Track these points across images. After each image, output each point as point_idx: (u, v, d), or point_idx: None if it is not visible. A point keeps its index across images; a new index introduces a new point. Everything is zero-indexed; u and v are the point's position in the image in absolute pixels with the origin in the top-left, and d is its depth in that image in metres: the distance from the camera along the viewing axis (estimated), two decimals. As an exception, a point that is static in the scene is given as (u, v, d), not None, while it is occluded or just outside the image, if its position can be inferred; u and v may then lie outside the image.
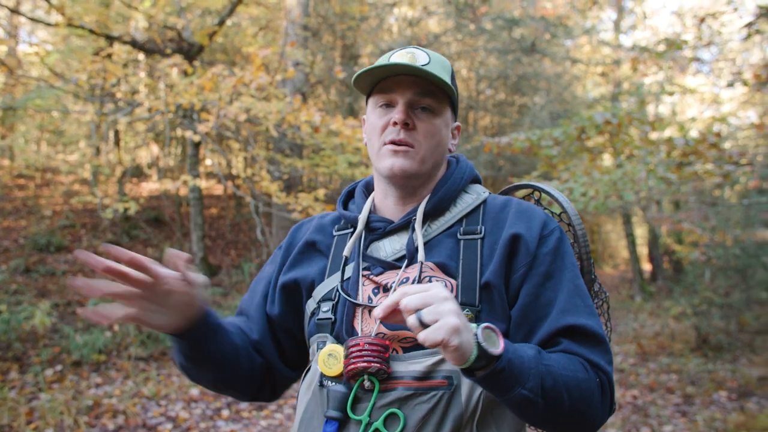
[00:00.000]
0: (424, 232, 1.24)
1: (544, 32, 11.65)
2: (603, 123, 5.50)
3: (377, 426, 1.10)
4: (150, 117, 6.87)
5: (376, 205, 1.33)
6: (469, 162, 1.35)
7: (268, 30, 12.47)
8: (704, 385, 6.45)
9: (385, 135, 1.22)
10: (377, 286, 1.21)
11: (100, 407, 5.07)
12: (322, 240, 1.35)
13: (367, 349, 1.10)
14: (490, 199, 1.29)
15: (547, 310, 1.14)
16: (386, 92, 1.23)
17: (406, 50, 1.23)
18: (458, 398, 1.09)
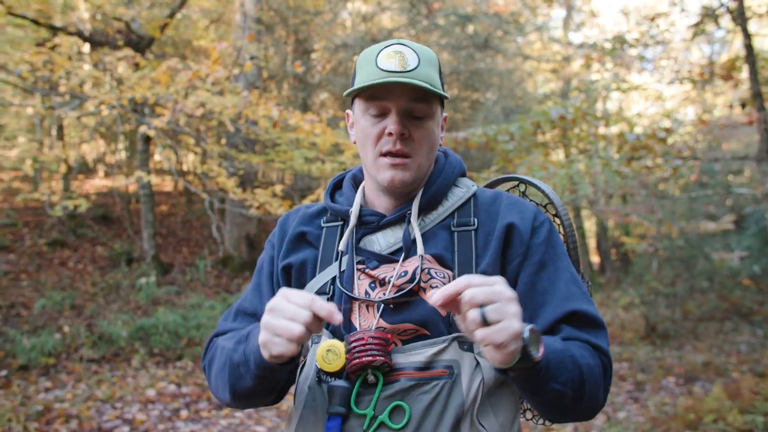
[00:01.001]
0: (418, 225, 1.24)
1: (496, 29, 11.81)
2: (558, 118, 5.62)
3: (383, 419, 1.10)
4: (100, 111, 6.63)
5: (367, 198, 1.31)
6: (457, 155, 1.36)
7: (220, 23, 12.22)
8: (653, 371, 6.69)
9: (381, 145, 1.20)
10: (374, 281, 1.20)
11: (51, 412, 4.89)
12: (311, 231, 1.32)
13: (371, 343, 1.09)
14: (479, 192, 1.30)
15: (546, 297, 1.17)
16: (377, 100, 1.19)
17: (392, 49, 1.19)
18: (459, 387, 1.11)
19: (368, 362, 1.09)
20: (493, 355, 0.92)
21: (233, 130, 6.76)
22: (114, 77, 7.43)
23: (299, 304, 1.00)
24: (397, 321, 1.15)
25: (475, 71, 13.12)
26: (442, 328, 1.14)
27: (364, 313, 1.19)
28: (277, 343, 1.00)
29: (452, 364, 1.12)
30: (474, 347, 1.14)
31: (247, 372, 1.12)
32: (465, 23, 12.07)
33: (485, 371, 1.13)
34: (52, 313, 7.08)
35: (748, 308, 9.44)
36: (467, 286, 0.91)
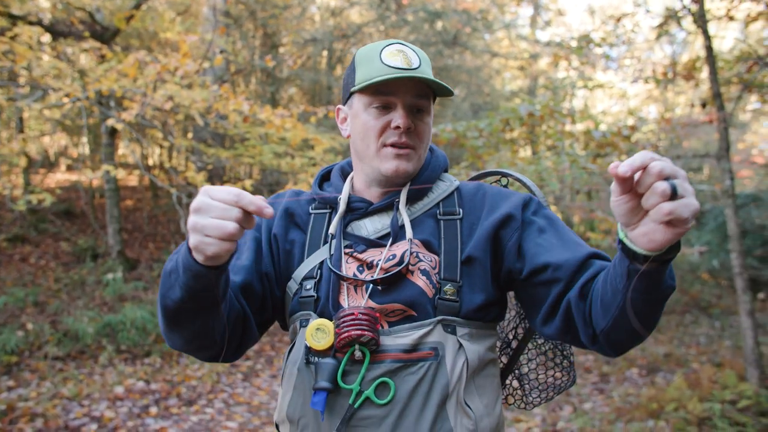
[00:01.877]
0: (407, 212, 1.29)
1: (465, 26, 11.90)
2: (526, 115, 5.71)
3: (368, 394, 1.14)
4: (62, 104, 6.48)
5: (355, 189, 1.36)
6: (443, 152, 1.42)
7: (188, 15, 12.04)
8: (618, 364, 6.86)
9: (385, 137, 1.25)
10: (361, 264, 1.24)
11: (15, 411, 4.78)
12: (299, 213, 1.36)
13: (360, 318, 1.13)
14: (462, 185, 1.36)
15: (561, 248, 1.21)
16: (384, 94, 1.24)
17: (395, 47, 1.25)
18: (444, 368, 1.15)
19: (357, 336, 1.12)
20: (664, 234, 0.86)
21: (202, 124, 6.68)
22: (76, 69, 7.26)
23: (226, 201, 0.94)
24: (386, 301, 1.19)
25: (443, 68, 13.20)
26: (429, 310, 1.19)
27: (353, 294, 1.22)
28: (209, 244, 0.95)
29: (437, 346, 1.16)
30: (457, 330, 1.18)
31: (177, 280, 1.05)
32: (434, 20, 12.13)
33: (468, 353, 1.18)
34: (14, 311, 6.91)
35: (707, 301, 9.75)
36: (652, 159, 0.84)
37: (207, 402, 5.35)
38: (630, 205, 0.87)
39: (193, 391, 5.57)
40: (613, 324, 1.06)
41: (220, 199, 0.94)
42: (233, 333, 1.20)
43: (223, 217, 0.93)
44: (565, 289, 1.17)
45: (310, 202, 1.38)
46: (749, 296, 4.90)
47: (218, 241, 0.94)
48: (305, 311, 1.24)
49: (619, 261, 0.98)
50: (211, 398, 5.45)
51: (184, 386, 5.66)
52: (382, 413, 1.13)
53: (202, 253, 0.96)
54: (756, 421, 4.40)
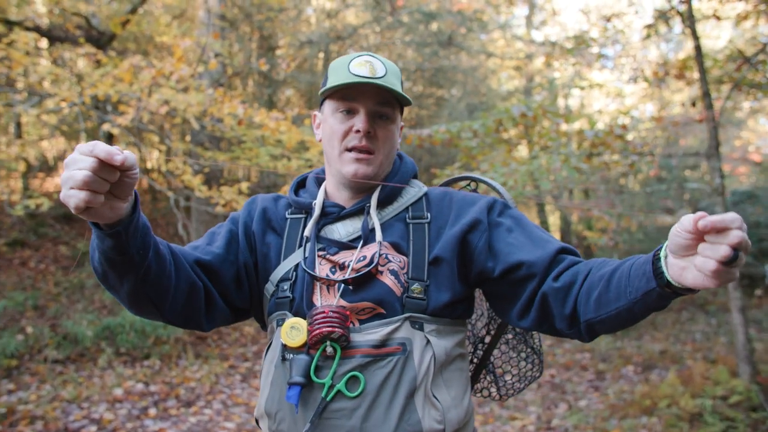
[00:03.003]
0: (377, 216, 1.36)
1: (460, 26, 11.95)
2: (519, 116, 5.76)
3: (339, 388, 1.20)
4: (59, 109, 6.53)
5: (328, 194, 1.43)
6: (411, 159, 1.50)
7: (184, 19, 12.08)
8: (614, 361, 6.91)
9: (347, 141, 1.34)
10: (334, 265, 1.31)
11: (15, 414, 4.83)
12: (275, 218, 1.43)
13: (331, 316, 1.20)
14: (430, 191, 1.44)
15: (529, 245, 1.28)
16: (347, 100, 1.33)
17: (363, 59, 1.33)
18: (411, 362, 1.22)
19: (328, 332, 1.19)
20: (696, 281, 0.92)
21: (198, 128, 6.73)
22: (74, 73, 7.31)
23: (82, 151, 0.97)
24: (356, 300, 1.26)
25: (439, 68, 13.24)
26: (397, 308, 1.25)
27: (325, 294, 1.29)
28: (70, 196, 0.97)
29: (405, 342, 1.23)
30: (424, 326, 1.25)
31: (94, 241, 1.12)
32: (429, 21, 12.17)
33: (435, 348, 1.24)
34: (14, 315, 6.95)
35: (704, 298, 9.80)
36: (738, 226, 0.88)
37: (205, 403, 5.40)
38: (688, 242, 0.92)
39: (192, 393, 5.62)
40: (604, 319, 1.13)
41: (80, 151, 0.97)
42: (187, 301, 1.26)
43: (79, 167, 0.96)
44: (539, 283, 1.24)
45: (286, 208, 1.45)
46: (740, 293, 4.95)
47: (76, 191, 0.96)
48: (281, 311, 1.31)
49: (641, 275, 1.04)
50: (210, 399, 5.50)
51: (182, 388, 5.71)
52: (352, 405, 1.19)
53: (68, 205, 0.99)
54: (746, 416, 4.45)
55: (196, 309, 1.29)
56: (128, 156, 0.97)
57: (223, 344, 7.42)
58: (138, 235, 1.11)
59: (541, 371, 1.61)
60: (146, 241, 1.13)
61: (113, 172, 0.98)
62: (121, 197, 1.02)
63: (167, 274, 1.21)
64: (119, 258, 1.10)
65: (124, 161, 0.96)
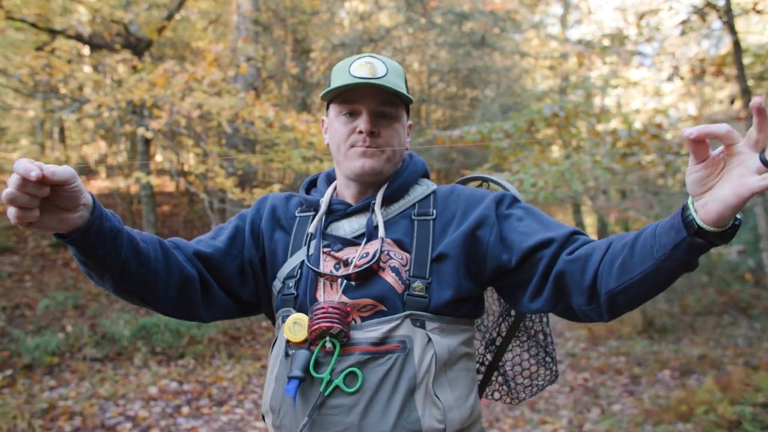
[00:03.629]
0: (381, 213, 1.36)
1: (493, 26, 11.86)
2: (551, 116, 5.68)
3: (337, 383, 1.21)
4: (98, 113, 6.71)
5: (338, 192, 1.45)
6: (421, 158, 1.49)
7: (218, 24, 12.30)
8: (650, 365, 6.75)
9: (352, 140, 1.35)
10: (338, 261, 1.32)
11: (56, 410, 4.99)
12: (284, 216, 1.45)
13: (331, 311, 1.22)
14: (438, 188, 1.44)
15: (543, 229, 1.27)
16: (350, 102, 1.34)
17: (364, 60, 1.33)
18: (411, 360, 1.21)
19: (327, 327, 1.20)
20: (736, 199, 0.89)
21: (230, 131, 6.84)
22: (114, 79, 7.51)
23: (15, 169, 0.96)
24: (358, 296, 1.27)
25: (473, 69, 13.17)
26: (398, 305, 1.25)
27: (328, 290, 1.30)
28: (10, 215, 0.99)
29: (405, 340, 1.22)
30: (426, 324, 1.24)
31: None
32: (462, 21, 12.12)
33: (437, 346, 1.23)
34: (56, 313, 7.17)
35: (746, 302, 9.49)
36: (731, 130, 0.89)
37: (237, 403, 5.47)
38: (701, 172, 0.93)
39: (224, 392, 5.70)
40: (628, 287, 1.08)
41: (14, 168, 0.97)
42: (180, 293, 1.30)
43: (8, 183, 0.96)
44: (552, 260, 1.21)
45: (297, 206, 1.47)
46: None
47: (9, 207, 0.98)
48: (286, 308, 1.34)
49: (669, 229, 1.01)
50: (242, 399, 5.57)
51: (215, 387, 5.80)
52: (351, 402, 1.20)
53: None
54: (788, 424, 4.30)
55: (191, 300, 1.32)
56: (56, 170, 0.96)
57: (256, 344, 7.51)
58: (104, 239, 1.11)
59: (556, 376, 1.58)
60: (117, 244, 1.15)
61: (39, 188, 0.97)
62: (67, 208, 1.03)
63: (152, 270, 1.23)
64: (89, 260, 1.13)
65: (43, 177, 0.94)
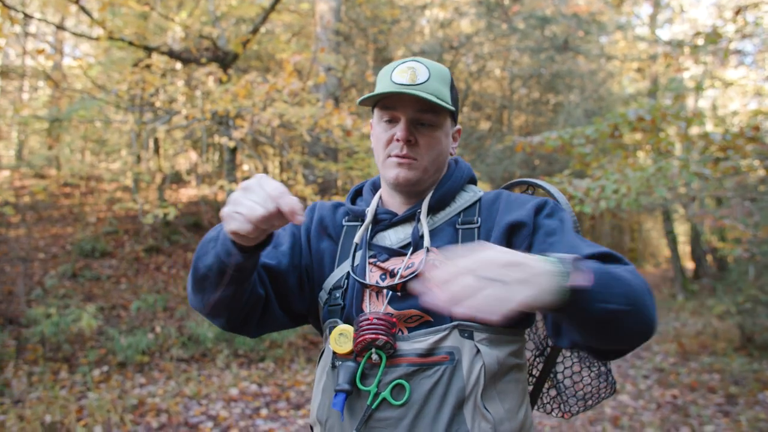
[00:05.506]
0: (427, 222, 1.33)
1: (576, 29, 11.53)
2: (636, 120, 5.44)
3: (385, 395, 1.19)
4: (187, 125, 7.06)
5: (384, 201, 1.43)
6: (467, 164, 1.46)
7: (301, 36, 12.64)
8: (749, 384, 6.29)
9: (390, 149, 1.32)
10: (384, 272, 1.30)
11: (144, 406, 5.25)
12: (332, 226, 1.44)
13: (376, 323, 1.19)
14: (484, 195, 1.39)
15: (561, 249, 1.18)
16: (389, 109, 1.32)
17: (407, 65, 1.31)
18: (460, 372, 1.18)
19: (372, 339, 1.18)
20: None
21: (309, 139, 7.00)
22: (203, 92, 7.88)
23: (270, 193, 1.02)
24: (404, 307, 1.24)
25: (556, 73, 12.86)
26: (445, 315, 1.19)
27: (374, 301, 1.28)
28: (235, 218, 1.03)
29: (453, 351, 1.19)
30: (474, 335, 1.20)
31: (213, 248, 1.16)
32: (544, 25, 11.86)
33: (486, 358, 1.18)
34: (147, 315, 7.57)
35: None
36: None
37: (314, 406, 5.56)
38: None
39: (302, 396, 5.81)
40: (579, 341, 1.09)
41: (265, 188, 1.03)
42: (250, 311, 1.30)
43: (259, 203, 1.01)
44: None
45: (343, 215, 1.45)
46: None
47: (243, 219, 1.02)
48: (333, 318, 1.32)
49: None
50: (318, 403, 5.65)
51: (293, 391, 5.92)
52: (398, 414, 1.17)
53: (226, 223, 1.05)
54: None
55: (252, 317, 1.32)
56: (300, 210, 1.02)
57: (334, 350, 7.62)
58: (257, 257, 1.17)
59: (613, 390, 1.49)
60: (257, 261, 1.20)
61: (281, 221, 1.04)
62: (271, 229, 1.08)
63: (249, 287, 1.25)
64: (235, 274, 1.15)
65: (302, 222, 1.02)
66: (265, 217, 1.01)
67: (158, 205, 7.41)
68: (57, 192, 12.25)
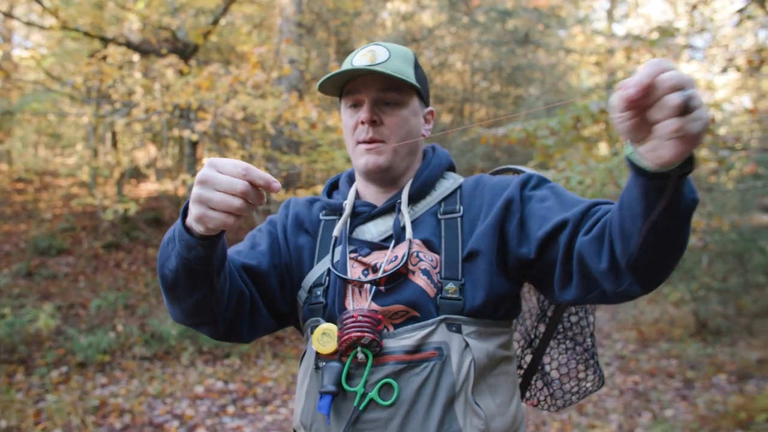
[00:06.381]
0: (408, 213, 1.29)
1: (537, 23, 11.67)
2: (598, 112, 5.53)
3: (372, 396, 1.14)
4: (147, 117, 6.89)
5: (360, 192, 1.38)
6: (445, 150, 1.42)
7: (262, 28, 12.47)
8: (704, 369, 6.51)
9: (357, 134, 1.28)
10: (366, 267, 1.26)
11: (107, 407, 5.12)
12: (308, 221, 1.39)
13: (360, 320, 1.14)
14: (464, 182, 1.35)
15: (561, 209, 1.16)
16: (352, 93, 1.28)
17: (367, 49, 1.28)
18: (449, 368, 1.14)
19: (357, 338, 1.13)
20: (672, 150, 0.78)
21: (273, 133, 6.91)
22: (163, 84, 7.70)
23: (233, 173, 0.93)
24: (388, 303, 1.19)
25: (516, 67, 12.99)
26: (431, 310, 1.18)
27: (357, 298, 1.23)
28: (213, 217, 0.94)
29: (441, 346, 1.15)
30: (462, 329, 1.16)
31: (173, 249, 1.06)
32: (505, 19, 11.96)
33: (475, 352, 1.15)
34: (108, 313, 7.38)
35: (807, 303, 9.06)
36: (662, 69, 0.75)
37: (281, 403, 5.51)
38: (634, 121, 0.79)
39: (269, 392, 5.75)
40: (641, 253, 0.95)
41: (227, 172, 0.93)
42: (235, 312, 1.23)
43: (229, 190, 0.93)
44: (568, 246, 1.09)
45: (320, 210, 1.41)
46: None
47: (223, 215, 0.94)
48: (315, 317, 1.27)
49: (633, 182, 0.90)
50: (286, 399, 5.61)
51: (260, 387, 5.86)
52: (387, 415, 1.13)
53: (204, 225, 0.96)
54: None
55: (239, 320, 1.25)
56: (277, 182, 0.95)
57: (300, 344, 7.57)
58: (221, 245, 1.09)
59: (601, 382, 1.48)
60: (224, 250, 1.12)
61: (261, 197, 0.96)
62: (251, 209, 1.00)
63: (226, 284, 1.18)
64: (201, 268, 1.07)
65: (279, 188, 0.94)
66: (243, 204, 0.93)
67: (118, 200, 7.22)
68: (9, 188, 11.83)
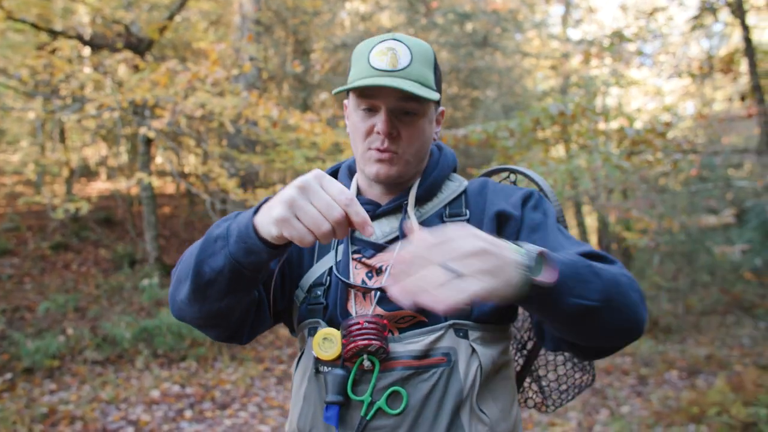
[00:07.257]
0: (415, 214, 1.24)
1: (495, 26, 11.82)
2: (557, 114, 5.63)
3: (380, 405, 1.10)
4: (99, 114, 6.65)
5: (361, 188, 1.31)
6: (451, 150, 1.37)
7: (220, 25, 12.24)
8: (656, 365, 6.70)
9: (370, 141, 1.20)
10: (370, 270, 1.20)
11: (56, 414, 4.91)
12: None
13: (367, 327, 1.10)
14: (469, 185, 1.31)
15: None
16: (368, 97, 1.18)
17: (386, 45, 1.17)
18: (457, 374, 1.11)
19: (364, 345, 1.09)
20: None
21: (233, 131, 6.77)
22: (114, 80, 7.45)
23: (336, 199, 0.90)
24: (395, 308, 1.15)
25: (474, 69, 13.11)
26: (439, 314, 1.12)
27: (361, 302, 1.19)
28: (296, 228, 0.91)
29: (449, 352, 1.12)
30: (469, 334, 1.14)
31: (223, 248, 1.01)
32: (463, 21, 12.08)
33: (482, 357, 1.13)
34: (56, 316, 7.10)
35: (750, 302, 9.42)
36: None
37: (241, 406, 5.40)
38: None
39: (227, 395, 5.63)
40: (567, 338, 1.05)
41: (331, 193, 0.91)
42: (245, 316, 1.19)
43: (324, 211, 0.90)
44: None
45: None
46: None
47: (306, 231, 0.91)
48: (314, 319, 1.21)
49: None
50: (245, 402, 5.50)
51: (218, 390, 5.73)
52: (394, 423, 1.10)
53: (281, 230, 0.92)
54: (803, 425, 4.24)
55: (246, 323, 1.21)
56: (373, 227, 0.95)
57: (258, 347, 7.44)
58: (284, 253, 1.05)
59: (593, 379, 1.48)
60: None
61: (345, 231, 0.93)
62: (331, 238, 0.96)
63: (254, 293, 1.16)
64: (251, 275, 1.03)
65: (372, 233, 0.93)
66: (330, 232, 0.89)
67: (67, 199, 6.95)
68: (-52, 186, 11.27)
